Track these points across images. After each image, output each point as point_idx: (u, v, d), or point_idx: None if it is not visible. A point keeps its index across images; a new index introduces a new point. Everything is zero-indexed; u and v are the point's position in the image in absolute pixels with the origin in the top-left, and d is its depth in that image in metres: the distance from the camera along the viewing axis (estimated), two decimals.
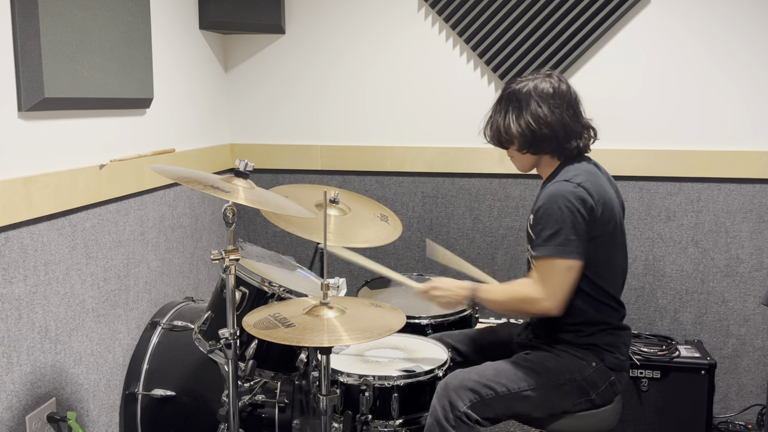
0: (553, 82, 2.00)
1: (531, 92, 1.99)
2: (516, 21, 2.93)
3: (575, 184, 1.92)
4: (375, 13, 3.10)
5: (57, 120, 2.09)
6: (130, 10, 2.34)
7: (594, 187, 1.94)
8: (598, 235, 1.93)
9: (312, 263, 3.11)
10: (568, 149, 2.01)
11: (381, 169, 3.18)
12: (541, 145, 2.01)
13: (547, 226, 1.90)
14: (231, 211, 1.81)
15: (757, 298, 2.92)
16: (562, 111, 1.98)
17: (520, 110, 2.00)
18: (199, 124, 3.00)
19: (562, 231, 1.88)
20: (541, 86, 1.99)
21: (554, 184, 1.95)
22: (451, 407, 1.88)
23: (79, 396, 2.23)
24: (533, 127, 1.98)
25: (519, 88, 2.02)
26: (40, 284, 2.02)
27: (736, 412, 2.97)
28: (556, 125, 1.98)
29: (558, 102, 1.98)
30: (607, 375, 1.99)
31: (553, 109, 1.97)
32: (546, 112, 1.97)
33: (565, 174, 1.97)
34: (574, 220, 1.88)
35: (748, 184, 2.87)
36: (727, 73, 2.85)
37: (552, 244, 1.88)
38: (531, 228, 1.99)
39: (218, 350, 1.88)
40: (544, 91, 1.99)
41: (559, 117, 1.98)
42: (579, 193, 1.90)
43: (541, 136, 1.98)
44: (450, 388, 1.91)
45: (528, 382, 1.93)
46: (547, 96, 1.98)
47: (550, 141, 1.99)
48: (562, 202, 1.89)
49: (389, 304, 1.90)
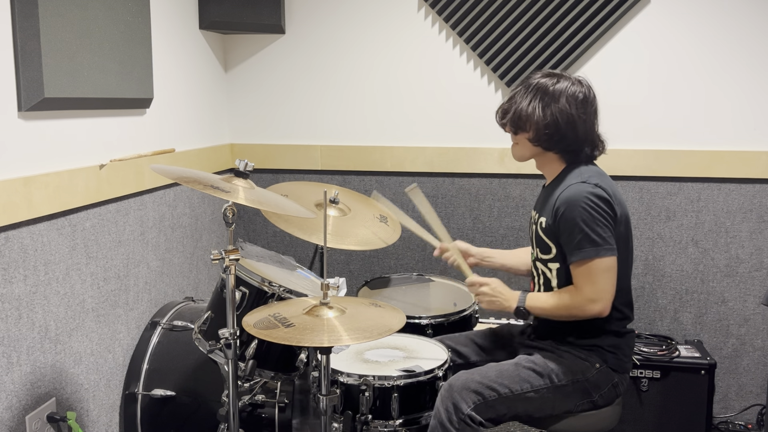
0: (584, 89, 2.01)
1: (563, 91, 1.98)
2: (516, 21, 2.93)
3: (593, 184, 1.93)
4: (375, 13, 3.10)
5: (57, 120, 2.09)
6: (130, 9, 2.34)
7: (610, 188, 1.96)
8: (617, 236, 1.94)
9: (312, 263, 3.12)
10: (577, 153, 2.02)
11: (381, 169, 3.18)
12: (557, 143, 2.00)
13: (576, 229, 1.89)
14: (231, 211, 1.81)
15: (757, 298, 2.92)
16: (587, 117, 2.00)
17: (549, 102, 1.98)
18: (199, 124, 3.00)
19: (593, 231, 1.88)
20: (573, 89, 1.99)
21: (571, 187, 1.94)
22: (455, 409, 1.88)
23: (79, 396, 2.23)
24: (559, 121, 1.96)
25: (551, 83, 2.00)
26: (40, 284, 2.02)
27: (736, 412, 2.97)
28: (580, 128, 1.98)
29: (588, 108, 2.00)
30: (610, 377, 1.99)
31: (580, 113, 1.98)
32: (574, 112, 1.97)
33: (579, 176, 1.97)
34: (602, 218, 1.89)
35: (748, 184, 2.87)
36: (727, 73, 2.85)
37: (587, 246, 1.88)
38: (548, 234, 1.98)
39: (218, 350, 1.88)
40: (575, 94, 1.98)
41: (584, 122, 1.99)
42: (599, 192, 1.91)
43: (562, 133, 1.98)
44: (454, 390, 1.91)
45: (531, 384, 1.93)
46: (579, 100, 1.98)
47: (568, 141, 1.99)
48: (586, 203, 1.89)
49: (389, 304, 1.90)
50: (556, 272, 2.01)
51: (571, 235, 1.91)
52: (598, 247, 1.88)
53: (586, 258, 1.89)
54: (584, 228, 1.88)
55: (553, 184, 2.05)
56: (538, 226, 2.03)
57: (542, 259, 2.04)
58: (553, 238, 1.98)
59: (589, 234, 1.88)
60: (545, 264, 2.03)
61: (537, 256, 2.06)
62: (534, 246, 2.08)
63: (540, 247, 2.03)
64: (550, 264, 2.02)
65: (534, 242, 2.08)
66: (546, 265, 2.03)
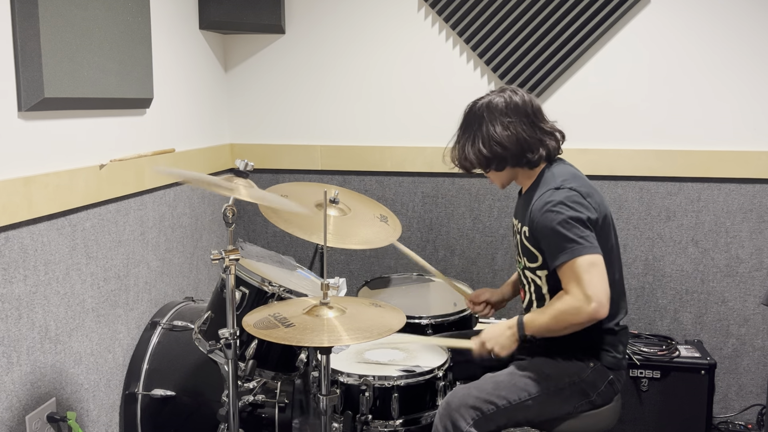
0: (505, 96, 2.01)
1: (484, 111, 2.01)
2: (516, 21, 2.93)
3: (567, 188, 1.92)
4: (375, 13, 3.10)
5: (57, 120, 2.09)
6: (130, 10, 2.34)
7: (584, 188, 1.95)
8: (596, 234, 1.93)
9: (312, 263, 3.12)
10: (530, 160, 2.01)
11: (381, 169, 3.18)
12: (501, 163, 2.02)
13: (552, 235, 1.88)
14: (231, 211, 1.81)
15: (757, 298, 2.92)
16: (516, 125, 1.98)
17: (473, 134, 2.03)
18: (199, 124, 3.00)
19: (570, 232, 1.87)
20: (494, 102, 2.01)
21: (544, 195, 1.94)
22: (454, 427, 1.87)
23: (79, 396, 2.23)
24: (485, 150, 2.00)
25: (474, 109, 2.04)
26: (40, 284, 2.02)
27: (736, 412, 2.97)
28: (509, 142, 1.98)
29: (510, 118, 1.98)
30: (605, 374, 1.99)
31: (506, 125, 1.98)
32: (498, 129, 1.98)
33: (550, 182, 1.97)
34: (577, 218, 1.88)
35: (748, 184, 2.87)
36: (727, 73, 2.85)
37: (566, 248, 1.87)
38: (532, 242, 1.97)
39: (218, 350, 1.88)
40: (497, 107, 2.00)
41: (513, 132, 1.98)
42: (571, 195, 1.91)
43: (496, 155, 2.00)
44: (452, 408, 1.89)
45: (528, 392, 1.93)
46: (500, 112, 1.99)
47: (507, 158, 2.00)
48: (560, 207, 1.88)
49: (389, 304, 1.90)
50: (546, 279, 2.00)
51: (549, 241, 1.90)
52: (577, 246, 1.86)
53: (566, 260, 1.86)
54: (561, 231, 1.87)
55: (529, 191, 2.05)
56: (522, 235, 2.02)
57: (530, 268, 2.03)
58: (536, 246, 1.98)
59: (567, 235, 1.86)
60: (534, 272, 2.03)
61: (525, 265, 2.05)
62: (521, 255, 2.06)
63: (527, 256, 2.03)
64: (538, 272, 2.02)
65: (520, 251, 2.06)
66: (535, 273, 2.03)
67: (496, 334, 2.00)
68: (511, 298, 2.39)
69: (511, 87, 2.05)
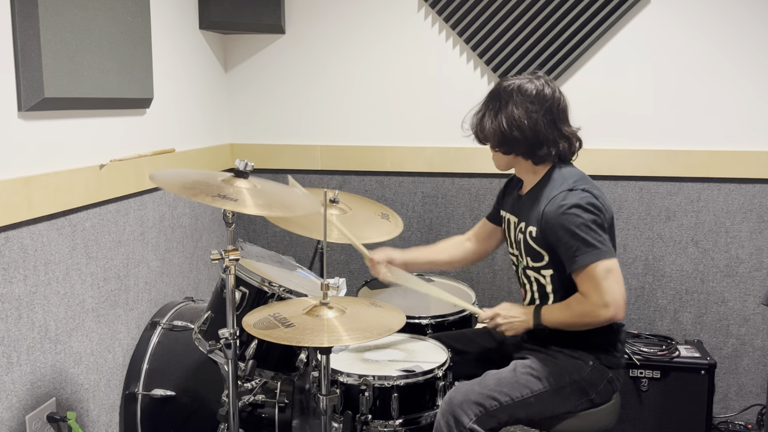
0: (538, 84, 1.99)
1: (514, 91, 1.99)
2: (516, 21, 2.93)
3: (580, 189, 1.92)
4: (375, 14, 3.10)
5: (57, 120, 2.09)
6: (130, 10, 2.34)
7: (596, 190, 1.96)
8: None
9: (312, 263, 3.12)
10: (539, 155, 2.00)
11: (381, 169, 3.18)
12: (511, 147, 2.01)
13: (571, 238, 1.88)
14: (231, 212, 1.81)
15: (757, 298, 2.92)
16: (538, 116, 1.97)
17: (498, 109, 2.00)
18: (199, 124, 3.00)
19: (589, 236, 1.87)
20: (525, 86, 1.99)
21: (558, 196, 1.93)
22: (456, 423, 1.87)
23: (79, 396, 2.23)
24: (504, 127, 1.98)
25: (506, 86, 2.01)
26: (40, 284, 2.02)
27: (736, 412, 2.97)
28: (527, 129, 1.97)
29: (536, 106, 1.97)
30: (604, 373, 2.00)
31: (529, 112, 1.97)
32: (521, 114, 1.96)
33: (564, 183, 1.96)
34: (595, 221, 1.88)
35: (748, 184, 2.87)
36: (727, 73, 2.85)
37: (584, 252, 1.87)
38: (540, 243, 1.97)
39: (218, 350, 1.88)
40: (526, 92, 1.98)
41: (533, 121, 1.96)
42: (588, 198, 1.91)
43: (512, 137, 1.98)
44: (454, 404, 1.90)
45: (530, 389, 1.93)
46: (528, 98, 1.97)
47: (520, 144, 1.99)
48: (576, 209, 1.88)
49: (389, 304, 1.90)
50: (551, 278, 2.01)
51: (567, 244, 1.89)
52: (596, 251, 1.86)
53: (585, 264, 1.87)
54: (580, 234, 1.87)
55: (535, 190, 2.03)
56: (527, 235, 2.01)
57: (534, 267, 2.03)
58: (544, 246, 1.97)
59: (586, 239, 1.87)
60: (538, 272, 2.03)
61: (527, 265, 2.05)
62: (523, 255, 2.06)
63: (531, 255, 2.02)
64: (543, 271, 2.02)
65: (523, 251, 2.05)
66: (539, 273, 2.03)
67: (512, 314, 2.03)
68: (422, 267, 2.40)
69: (547, 77, 2.03)
